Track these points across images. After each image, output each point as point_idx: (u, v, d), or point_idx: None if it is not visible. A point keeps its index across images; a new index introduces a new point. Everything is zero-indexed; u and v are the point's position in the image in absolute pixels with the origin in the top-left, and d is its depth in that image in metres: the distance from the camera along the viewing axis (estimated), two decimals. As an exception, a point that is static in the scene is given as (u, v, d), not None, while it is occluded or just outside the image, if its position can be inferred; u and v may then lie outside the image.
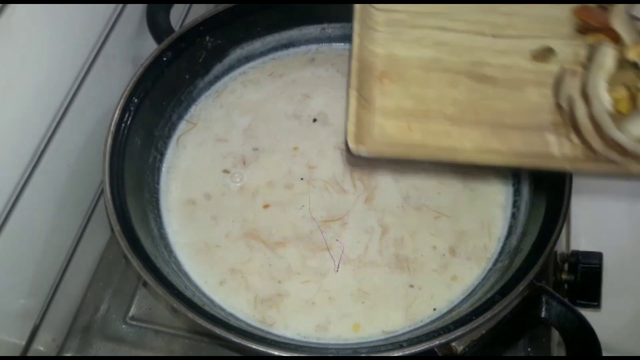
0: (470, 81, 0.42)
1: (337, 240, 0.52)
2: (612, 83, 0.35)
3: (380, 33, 0.44)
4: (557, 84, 0.39)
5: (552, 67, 0.41)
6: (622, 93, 0.35)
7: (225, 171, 0.55)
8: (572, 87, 0.37)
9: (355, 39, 0.43)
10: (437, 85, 0.42)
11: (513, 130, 0.39)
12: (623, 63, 0.36)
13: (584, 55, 0.40)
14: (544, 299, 0.45)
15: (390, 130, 0.41)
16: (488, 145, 0.39)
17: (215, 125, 0.58)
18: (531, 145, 0.39)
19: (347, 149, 0.38)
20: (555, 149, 0.38)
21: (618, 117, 0.34)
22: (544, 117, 0.40)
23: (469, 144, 0.39)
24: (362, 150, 0.38)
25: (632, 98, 0.34)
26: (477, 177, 0.55)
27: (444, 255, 0.51)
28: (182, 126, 0.58)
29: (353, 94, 0.40)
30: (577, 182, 0.47)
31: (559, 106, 0.39)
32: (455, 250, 0.51)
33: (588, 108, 0.35)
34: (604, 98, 0.34)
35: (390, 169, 0.55)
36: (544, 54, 0.42)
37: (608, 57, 0.35)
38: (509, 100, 0.41)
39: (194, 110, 0.59)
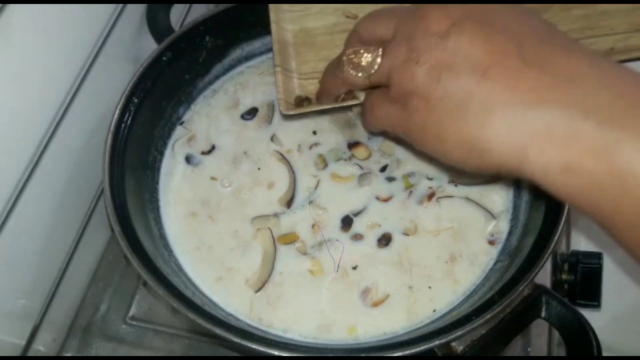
0: None
1: (337, 240, 0.52)
2: None
3: (292, 13, 0.53)
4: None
5: None
6: None
7: (213, 178, 0.55)
8: None
9: (273, 26, 0.51)
10: (340, 44, 0.48)
11: None
12: None
13: None
14: (544, 299, 0.45)
15: (310, 88, 0.51)
16: None
17: (209, 128, 0.58)
18: None
19: (281, 113, 0.49)
20: None
21: None
22: None
23: None
24: (290, 111, 0.48)
25: None
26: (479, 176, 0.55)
27: (446, 261, 0.51)
28: (178, 130, 0.58)
29: (278, 70, 0.50)
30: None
31: None
32: (456, 252, 0.51)
33: None
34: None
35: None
36: None
37: None
38: None
39: (192, 111, 0.59)
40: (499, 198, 0.54)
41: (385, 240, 0.51)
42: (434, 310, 0.48)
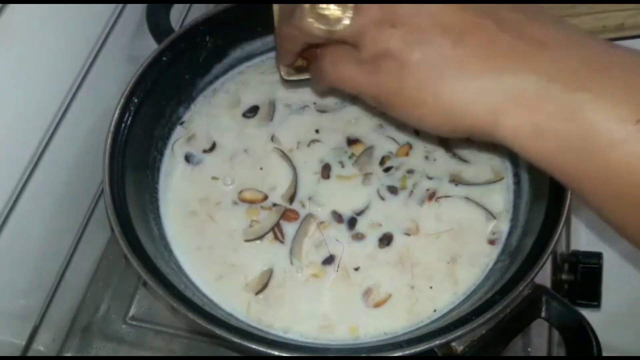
0: None
1: (337, 240, 0.52)
2: None
3: None
4: None
5: None
6: None
7: (214, 178, 0.55)
8: None
9: None
10: None
11: None
12: None
13: None
14: (544, 299, 0.45)
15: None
16: None
17: (209, 127, 0.58)
18: None
19: (282, 79, 0.47)
20: None
21: None
22: None
23: None
24: (292, 77, 0.47)
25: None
26: (479, 176, 0.55)
27: (447, 262, 0.51)
28: (178, 130, 0.58)
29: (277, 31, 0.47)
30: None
31: None
32: (457, 252, 0.51)
33: None
34: None
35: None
36: None
37: None
38: None
39: (192, 111, 0.59)
40: (499, 198, 0.54)
41: (386, 240, 0.51)
42: (435, 310, 0.48)
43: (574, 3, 0.47)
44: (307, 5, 0.36)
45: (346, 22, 0.35)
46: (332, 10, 0.35)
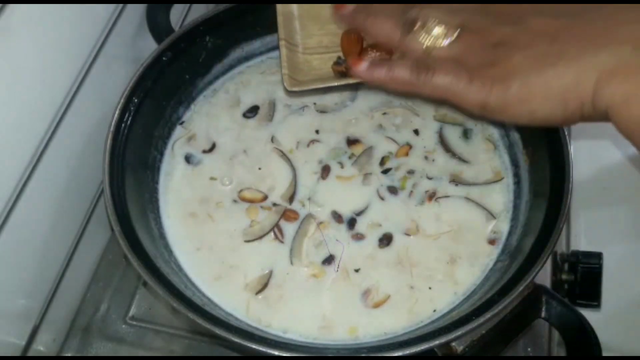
0: None
1: (337, 240, 0.52)
2: None
3: None
4: None
5: None
6: None
7: (213, 178, 0.55)
8: None
9: None
10: None
11: None
12: None
13: None
14: (544, 299, 0.45)
15: (315, 63, 0.49)
16: None
17: (209, 127, 0.58)
18: None
19: (286, 90, 0.47)
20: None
21: None
22: None
23: None
24: (295, 87, 0.46)
25: None
26: (479, 176, 0.55)
27: (447, 262, 0.51)
28: (178, 130, 0.58)
29: (282, 43, 0.48)
30: (577, 183, 0.47)
31: None
32: (456, 253, 0.51)
33: None
34: None
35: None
36: None
37: None
38: None
39: (192, 111, 0.59)
40: (499, 198, 0.54)
41: (386, 240, 0.51)
42: (435, 311, 0.48)
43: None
44: (420, 17, 0.40)
45: (446, 42, 0.39)
46: (438, 29, 0.40)
